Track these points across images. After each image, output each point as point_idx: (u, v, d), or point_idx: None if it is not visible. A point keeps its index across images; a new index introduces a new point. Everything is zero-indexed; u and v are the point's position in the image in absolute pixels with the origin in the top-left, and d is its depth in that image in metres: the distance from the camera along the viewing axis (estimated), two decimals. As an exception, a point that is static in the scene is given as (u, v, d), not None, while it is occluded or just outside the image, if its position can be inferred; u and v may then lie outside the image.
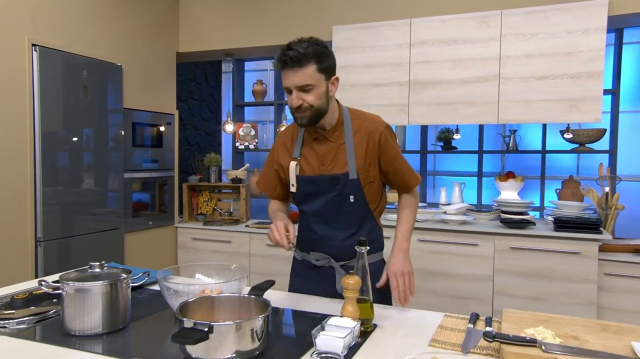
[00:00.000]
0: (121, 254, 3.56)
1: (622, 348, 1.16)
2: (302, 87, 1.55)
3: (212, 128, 5.62)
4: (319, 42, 1.58)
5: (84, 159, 3.26)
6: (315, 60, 1.53)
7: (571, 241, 2.93)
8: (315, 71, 1.54)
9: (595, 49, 2.93)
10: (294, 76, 1.53)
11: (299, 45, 1.53)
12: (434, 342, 1.32)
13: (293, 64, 1.52)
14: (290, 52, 1.52)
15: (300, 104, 1.56)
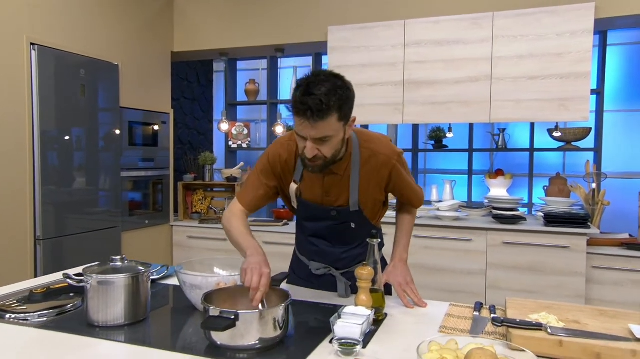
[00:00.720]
0: (118, 252, 3.56)
1: (620, 330, 1.25)
2: (319, 139, 1.38)
3: (204, 127, 5.64)
4: (340, 82, 1.37)
5: (82, 158, 3.27)
6: (338, 110, 1.34)
7: (561, 236, 3.04)
8: (336, 121, 1.36)
9: (583, 51, 3.04)
10: (312, 129, 1.35)
11: (320, 88, 1.31)
12: (443, 329, 1.40)
13: (312, 116, 1.31)
14: (310, 101, 1.30)
15: (315, 154, 1.41)
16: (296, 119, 1.38)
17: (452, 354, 1.00)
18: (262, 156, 1.67)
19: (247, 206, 1.63)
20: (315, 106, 1.30)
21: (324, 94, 1.30)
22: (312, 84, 1.33)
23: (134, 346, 1.26)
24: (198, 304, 1.50)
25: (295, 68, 4.85)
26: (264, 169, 1.63)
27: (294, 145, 1.59)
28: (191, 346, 1.28)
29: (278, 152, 1.62)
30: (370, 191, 1.61)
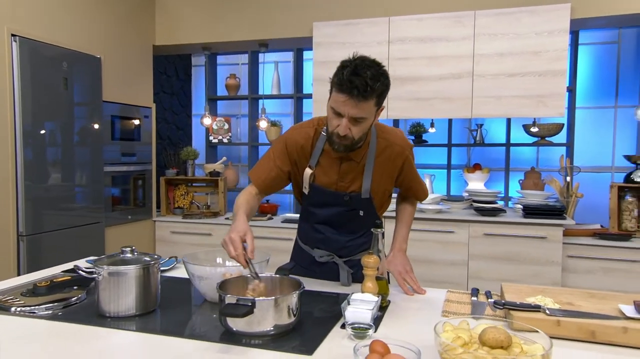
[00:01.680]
0: (102, 247, 3.53)
1: (611, 310, 1.34)
2: (355, 119, 1.46)
3: (183, 122, 5.59)
4: (382, 69, 1.45)
5: (64, 153, 3.22)
6: (378, 95, 1.44)
7: (538, 227, 3.18)
8: (373, 105, 1.46)
9: (559, 49, 3.18)
10: (354, 107, 1.42)
11: (366, 72, 1.39)
12: (446, 313, 1.47)
13: (358, 95, 1.39)
14: (357, 81, 1.38)
15: (346, 134, 1.48)
16: (338, 96, 1.44)
17: (466, 333, 1.06)
18: (278, 140, 1.72)
19: (259, 186, 1.69)
20: (361, 86, 1.38)
21: (370, 77, 1.39)
22: (359, 66, 1.41)
23: (150, 335, 1.29)
24: (207, 295, 1.53)
25: (276, 63, 4.86)
26: (280, 152, 1.69)
27: (313, 132, 1.68)
28: (205, 333, 1.31)
29: (295, 138, 1.68)
30: (383, 181, 1.69)
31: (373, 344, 1.05)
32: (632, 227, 3.40)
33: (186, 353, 1.18)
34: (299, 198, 1.83)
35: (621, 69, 4.32)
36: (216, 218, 4.08)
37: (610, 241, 3.20)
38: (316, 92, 3.67)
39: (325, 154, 1.67)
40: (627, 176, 3.46)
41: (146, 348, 1.20)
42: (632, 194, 3.44)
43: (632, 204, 3.42)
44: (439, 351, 1.03)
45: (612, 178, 4.36)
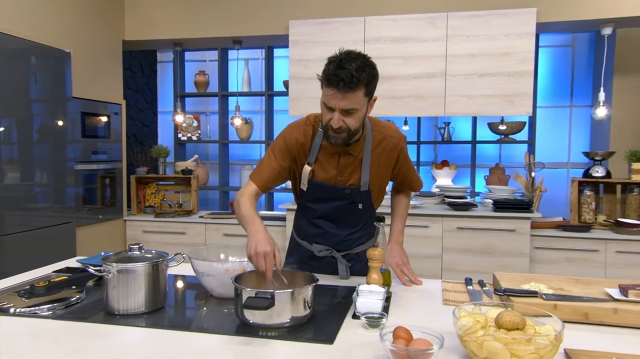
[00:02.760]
0: (73, 248, 3.42)
1: (598, 294, 1.45)
2: (346, 111, 1.51)
3: (149, 119, 5.47)
4: (368, 61, 1.51)
5: (34, 151, 3.10)
6: (365, 85, 1.49)
7: (508, 220, 3.34)
8: (363, 95, 1.51)
9: (526, 51, 3.34)
10: (342, 99, 1.48)
11: (351, 64, 1.45)
12: (447, 301, 1.54)
13: (344, 87, 1.45)
14: (343, 74, 1.44)
15: (340, 126, 1.53)
16: (327, 90, 1.50)
17: (482, 317, 1.13)
18: (277, 138, 1.75)
19: (261, 186, 1.70)
20: (347, 78, 1.44)
21: (355, 69, 1.44)
22: (344, 60, 1.46)
23: (165, 331, 1.29)
24: (215, 290, 1.54)
25: (246, 60, 4.85)
26: (280, 150, 1.71)
27: (310, 129, 1.72)
28: (221, 327, 1.33)
29: (295, 135, 1.72)
30: (380, 173, 1.75)
31: (397, 331, 1.10)
32: (590, 219, 3.63)
33: (209, 347, 1.19)
34: (296, 195, 1.87)
35: (575, 71, 4.59)
36: (190, 216, 4.04)
37: (572, 232, 3.40)
38: (292, 90, 3.70)
39: (323, 150, 1.72)
40: (585, 171, 3.68)
41: (165, 344, 1.21)
42: (590, 188, 3.66)
43: (590, 198, 3.64)
44: (459, 334, 1.10)
45: (568, 173, 4.63)
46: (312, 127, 1.72)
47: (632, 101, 4.09)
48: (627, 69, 4.07)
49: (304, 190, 1.77)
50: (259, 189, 1.69)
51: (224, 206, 4.88)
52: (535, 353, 1.00)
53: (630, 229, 3.33)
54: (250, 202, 1.62)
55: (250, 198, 1.64)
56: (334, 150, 1.69)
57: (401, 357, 1.05)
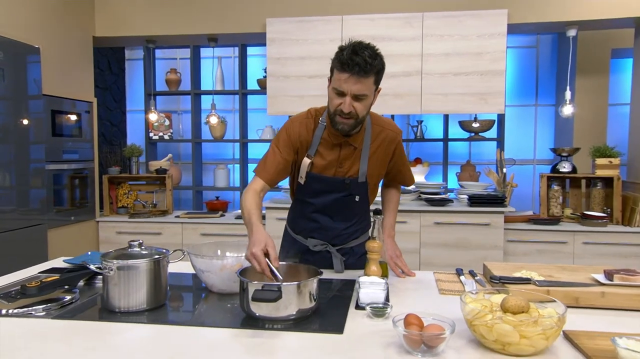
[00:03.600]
0: (45, 250, 3.31)
1: (586, 279, 1.53)
2: (357, 96, 1.55)
3: (117, 118, 5.34)
4: (378, 51, 1.58)
5: (4, 151, 2.98)
6: (376, 73, 1.55)
7: (483, 215, 3.45)
8: (372, 83, 1.56)
9: (498, 51, 3.46)
10: (355, 83, 1.52)
11: (364, 52, 1.51)
12: (443, 291, 1.59)
13: (359, 71, 1.50)
14: (358, 59, 1.49)
15: (350, 111, 1.57)
16: (341, 74, 1.54)
17: (488, 302, 1.18)
18: (280, 133, 1.76)
19: (268, 180, 1.70)
20: (362, 63, 1.50)
21: (368, 56, 1.51)
22: (357, 47, 1.53)
23: (171, 326, 1.28)
24: (215, 286, 1.54)
25: (219, 58, 4.80)
26: (284, 143, 1.73)
27: (312, 122, 1.75)
28: (225, 320, 1.33)
29: (297, 128, 1.74)
30: (377, 165, 1.79)
31: (408, 318, 1.13)
32: (558, 212, 3.79)
33: (219, 340, 1.19)
34: (293, 190, 1.88)
35: (539, 71, 4.78)
36: (165, 216, 3.97)
37: (542, 225, 3.54)
38: (270, 88, 3.69)
39: (324, 142, 1.74)
40: (553, 167, 3.84)
41: (175, 339, 1.20)
42: (557, 183, 3.82)
43: (557, 192, 3.80)
44: (467, 319, 1.14)
45: (534, 170, 4.81)
46: (314, 121, 1.75)
47: (593, 100, 4.30)
48: (587, 70, 4.27)
49: (301, 184, 1.78)
50: (266, 184, 1.70)
51: (198, 206, 4.81)
52: (543, 334, 1.06)
53: (596, 221, 3.49)
54: (253, 200, 1.62)
55: (254, 195, 1.64)
56: (335, 141, 1.72)
57: (415, 342, 1.08)
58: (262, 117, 4.96)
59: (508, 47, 4.52)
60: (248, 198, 1.62)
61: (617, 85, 4.62)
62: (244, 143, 4.68)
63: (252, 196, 1.63)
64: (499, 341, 1.07)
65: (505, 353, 1.08)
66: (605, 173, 3.64)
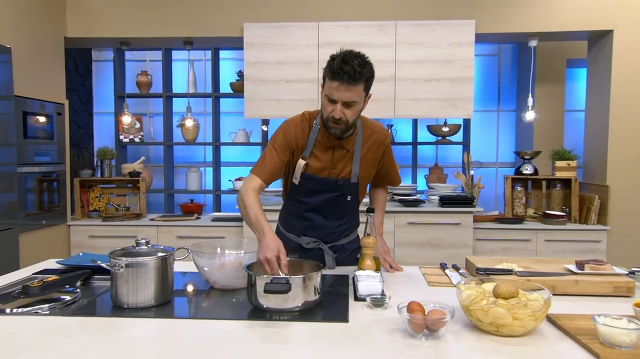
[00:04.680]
0: (16, 255, 3.24)
1: (559, 269, 1.68)
2: (347, 103, 1.64)
3: (84, 120, 5.24)
4: (368, 60, 1.66)
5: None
6: (365, 80, 1.64)
7: (454, 215, 3.61)
8: (362, 90, 1.65)
9: (467, 59, 3.64)
10: (345, 91, 1.61)
11: (354, 60, 1.60)
12: (432, 283, 1.70)
13: (349, 79, 1.58)
14: (347, 68, 1.58)
15: (340, 117, 1.65)
16: (332, 83, 1.63)
17: (481, 289, 1.30)
18: (276, 134, 1.83)
19: (265, 179, 1.76)
20: (351, 71, 1.59)
21: (357, 65, 1.61)
22: (347, 57, 1.62)
23: (182, 320, 1.33)
24: (217, 283, 1.59)
25: (192, 61, 4.81)
26: (281, 144, 1.80)
27: (307, 125, 1.83)
28: (233, 314, 1.39)
29: (293, 131, 1.82)
30: (368, 166, 1.88)
31: (411, 305, 1.23)
32: (521, 212, 4.01)
33: (233, 331, 1.25)
34: (285, 190, 1.95)
35: (501, 78, 5.04)
36: (139, 220, 3.94)
37: (508, 224, 3.74)
38: (247, 91, 3.74)
39: (318, 145, 1.82)
40: (516, 169, 4.06)
41: (189, 332, 1.25)
42: (521, 184, 4.04)
43: (521, 193, 4.02)
44: (464, 305, 1.25)
45: (497, 172, 5.06)
46: (308, 124, 1.83)
47: (550, 106, 4.57)
48: (545, 78, 4.54)
49: (295, 184, 1.86)
50: (263, 183, 1.75)
51: (170, 209, 4.79)
52: (532, 315, 1.18)
53: (557, 220, 3.73)
54: (255, 199, 1.67)
55: (254, 194, 1.69)
56: (329, 144, 1.81)
57: (418, 326, 1.18)
58: (234, 120, 5.00)
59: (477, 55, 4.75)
60: (250, 198, 1.67)
61: (572, 93, 4.92)
62: (216, 146, 4.70)
63: (254, 196, 1.68)
64: (494, 324, 1.19)
65: (499, 334, 1.20)
66: (564, 175, 3.89)
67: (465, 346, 1.16)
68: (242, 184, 1.76)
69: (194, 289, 1.65)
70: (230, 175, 4.81)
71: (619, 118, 3.68)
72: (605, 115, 3.74)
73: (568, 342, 1.18)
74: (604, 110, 3.76)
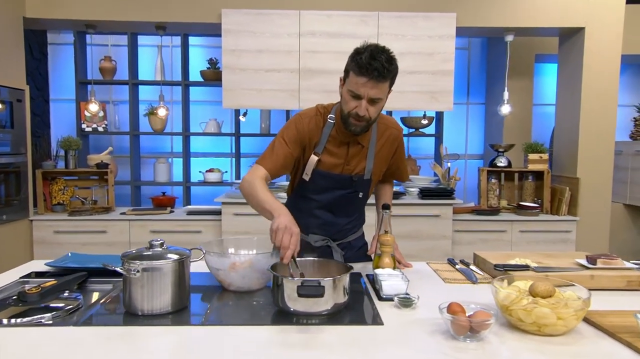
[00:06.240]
0: (-23, 254, 2.99)
1: (571, 264, 1.70)
2: (373, 100, 1.58)
3: (40, 107, 4.90)
4: (393, 55, 1.59)
5: None
6: (392, 77, 1.59)
7: (434, 207, 3.64)
8: (388, 87, 1.60)
9: (447, 52, 3.65)
10: (372, 88, 1.54)
11: (381, 56, 1.53)
12: (447, 280, 1.68)
13: (378, 76, 1.52)
14: (376, 64, 1.51)
15: (364, 115, 1.58)
16: (358, 79, 1.54)
17: (516, 288, 1.28)
18: (287, 127, 1.73)
19: (272, 171, 1.67)
20: (380, 68, 1.52)
21: (386, 61, 1.54)
22: (375, 52, 1.54)
23: (204, 328, 1.24)
24: (233, 284, 1.51)
25: (160, 47, 4.58)
26: (292, 137, 1.71)
27: (321, 120, 1.75)
28: (257, 318, 1.32)
29: (307, 125, 1.73)
30: (381, 162, 1.84)
31: (453, 306, 1.20)
32: (495, 204, 4.10)
33: (262, 338, 1.18)
34: (292, 187, 1.87)
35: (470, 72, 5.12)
36: (109, 214, 3.74)
37: (485, 215, 3.81)
38: (226, 80, 3.59)
39: (332, 140, 1.75)
40: (491, 161, 4.14)
41: (214, 341, 1.16)
42: (495, 177, 4.13)
43: (495, 185, 4.11)
44: (503, 304, 1.23)
45: (466, 164, 5.15)
46: (322, 118, 1.75)
47: (520, 100, 4.68)
48: (515, 73, 4.63)
49: (305, 180, 1.78)
50: (268, 174, 1.66)
51: (137, 202, 4.58)
52: (575, 314, 1.17)
53: (530, 211, 3.83)
54: (266, 186, 1.59)
55: (263, 181, 1.61)
56: (344, 140, 1.74)
57: (463, 328, 1.15)
58: (204, 109, 4.82)
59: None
60: (258, 182, 1.59)
61: (539, 88, 5.07)
62: (186, 136, 4.52)
63: (262, 182, 1.60)
64: (536, 323, 1.17)
65: (540, 334, 1.19)
66: (536, 167, 4.00)
67: (510, 347, 1.14)
68: (247, 173, 1.67)
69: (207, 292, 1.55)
70: (201, 166, 4.65)
71: (589, 113, 3.81)
72: (576, 110, 3.86)
73: (609, 341, 1.18)
74: (575, 105, 3.89)
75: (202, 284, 1.59)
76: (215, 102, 4.74)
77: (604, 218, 3.87)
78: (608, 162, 3.85)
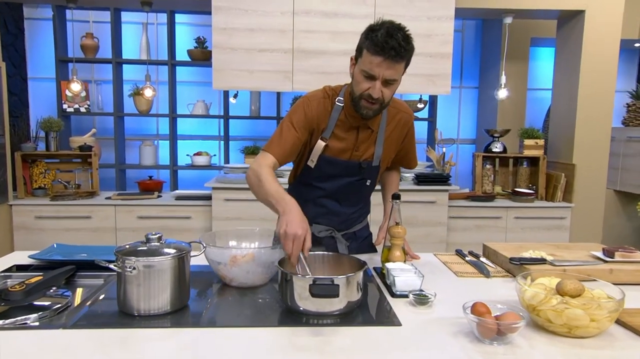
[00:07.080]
0: (-47, 242, 2.83)
1: (586, 257, 1.63)
2: (388, 81, 1.48)
3: (17, 86, 4.67)
4: (409, 34, 1.49)
5: None
6: (408, 58, 1.49)
7: (430, 193, 3.57)
8: (403, 67, 1.50)
9: (446, 34, 3.54)
10: (388, 68, 1.45)
11: (398, 34, 1.43)
12: (460, 274, 1.60)
13: (395, 56, 1.42)
14: (393, 42, 1.41)
15: (378, 97, 1.49)
16: (374, 58, 1.44)
17: (542, 286, 1.20)
18: (295, 110, 1.62)
19: (280, 157, 1.57)
20: (397, 47, 1.42)
21: (402, 39, 1.44)
22: (391, 29, 1.44)
23: (208, 329, 1.14)
24: (235, 280, 1.40)
25: (145, 24, 4.38)
26: (300, 122, 1.60)
27: (330, 103, 1.64)
28: (265, 318, 1.22)
29: (315, 108, 1.63)
30: (391, 148, 1.74)
31: (478, 306, 1.11)
32: (490, 189, 4.04)
33: (272, 341, 1.08)
34: (295, 174, 1.76)
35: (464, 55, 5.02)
36: (93, 198, 3.58)
37: (479, 202, 3.75)
38: (216, 60, 3.43)
39: (340, 124, 1.64)
40: (486, 147, 4.07)
41: (220, 344, 1.07)
42: (489, 162, 4.07)
43: (489, 171, 4.05)
44: (530, 304, 1.15)
45: (458, 149, 5.08)
46: (331, 101, 1.64)
47: (514, 84, 4.60)
48: (510, 56, 4.54)
49: (310, 167, 1.67)
50: (277, 162, 1.56)
51: (122, 186, 4.41)
52: (608, 316, 1.10)
53: (525, 197, 3.79)
54: (273, 176, 1.48)
55: (271, 171, 1.50)
56: (353, 124, 1.64)
57: (490, 331, 1.07)
58: (191, 90, 4.65)
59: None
60: (265, 172, 1.48)
61: (534, 72, 5.00)
62: (173, 118, 4.36)
63: (269, 171, 1.49)
64: (567, 325, 1.10)
65: (571, 336, 1.11)
66: (532, 153, 3.95)
67: (542, 352, 1.06)
68: (254, 161, 1.56)
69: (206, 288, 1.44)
70: (188, 149, 4.50)
71: (587, 98, 3.76)
72: (574, 95, 3.80)
73: (643, 342, 1.11)
74: (573, 90, 3.82)
75: (200, 277, 1.49)
76: (203, 83, 4.57)
77: (599, 205, 3.85)
78: (604, 148, 3.81)
